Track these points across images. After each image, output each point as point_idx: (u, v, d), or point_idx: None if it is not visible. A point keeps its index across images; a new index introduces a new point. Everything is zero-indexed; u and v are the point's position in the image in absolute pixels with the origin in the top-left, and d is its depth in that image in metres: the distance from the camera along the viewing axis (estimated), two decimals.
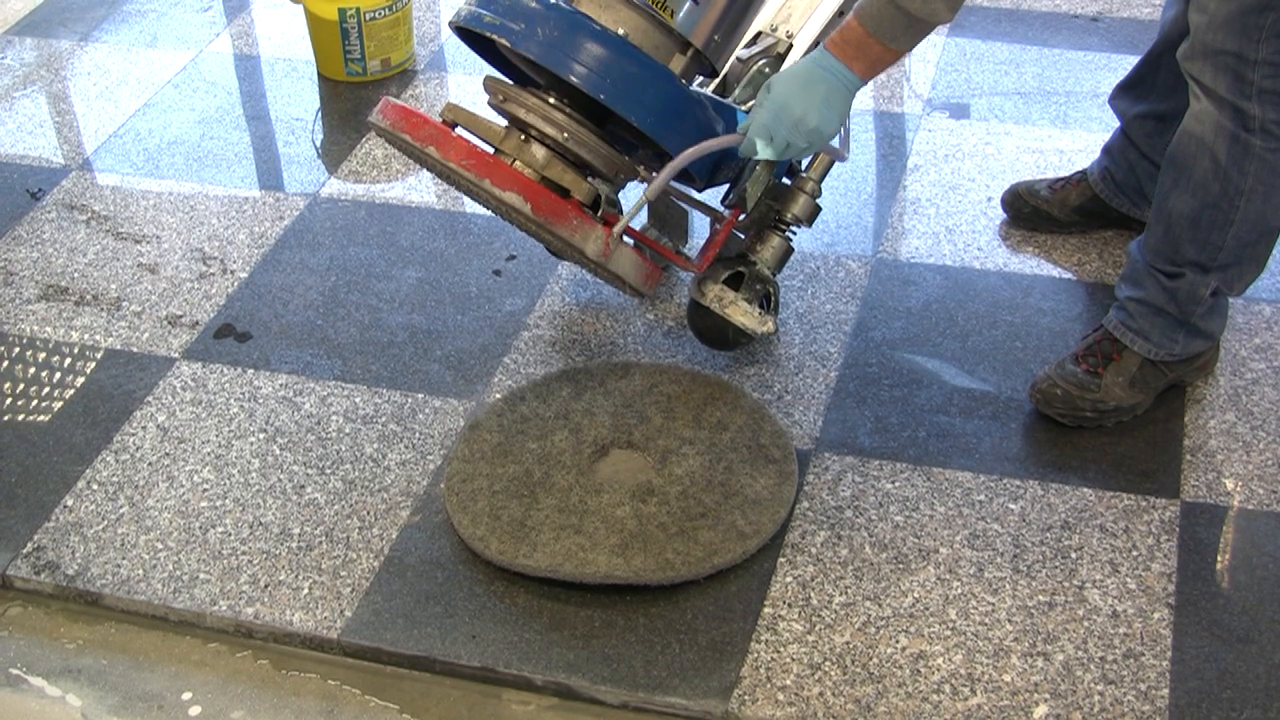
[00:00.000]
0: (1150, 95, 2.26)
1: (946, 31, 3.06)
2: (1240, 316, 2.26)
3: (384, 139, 2.06)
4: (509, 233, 2.51)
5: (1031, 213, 2.44)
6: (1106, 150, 2.37)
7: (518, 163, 1.94)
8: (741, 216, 2.09)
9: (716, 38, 1.98)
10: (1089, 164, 2.42)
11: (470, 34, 2.03)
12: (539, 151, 1.95)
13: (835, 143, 2.02)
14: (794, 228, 2.11)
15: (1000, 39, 3.04)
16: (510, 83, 2.00)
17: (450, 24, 2.01)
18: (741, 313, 2.06)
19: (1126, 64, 2.90)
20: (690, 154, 1.91)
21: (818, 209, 2.10)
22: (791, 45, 2.11)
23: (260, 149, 2.80)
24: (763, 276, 2.10)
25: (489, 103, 2.03)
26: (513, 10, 1.89)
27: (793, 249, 2.13)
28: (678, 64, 1.97)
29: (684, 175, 2.00)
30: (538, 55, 1.88)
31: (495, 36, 1.89)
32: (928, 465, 2.03)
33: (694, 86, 2.07)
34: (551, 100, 1.95)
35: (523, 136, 1.96)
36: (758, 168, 2.02)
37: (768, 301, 2.14)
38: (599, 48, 1.88)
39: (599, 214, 1.95)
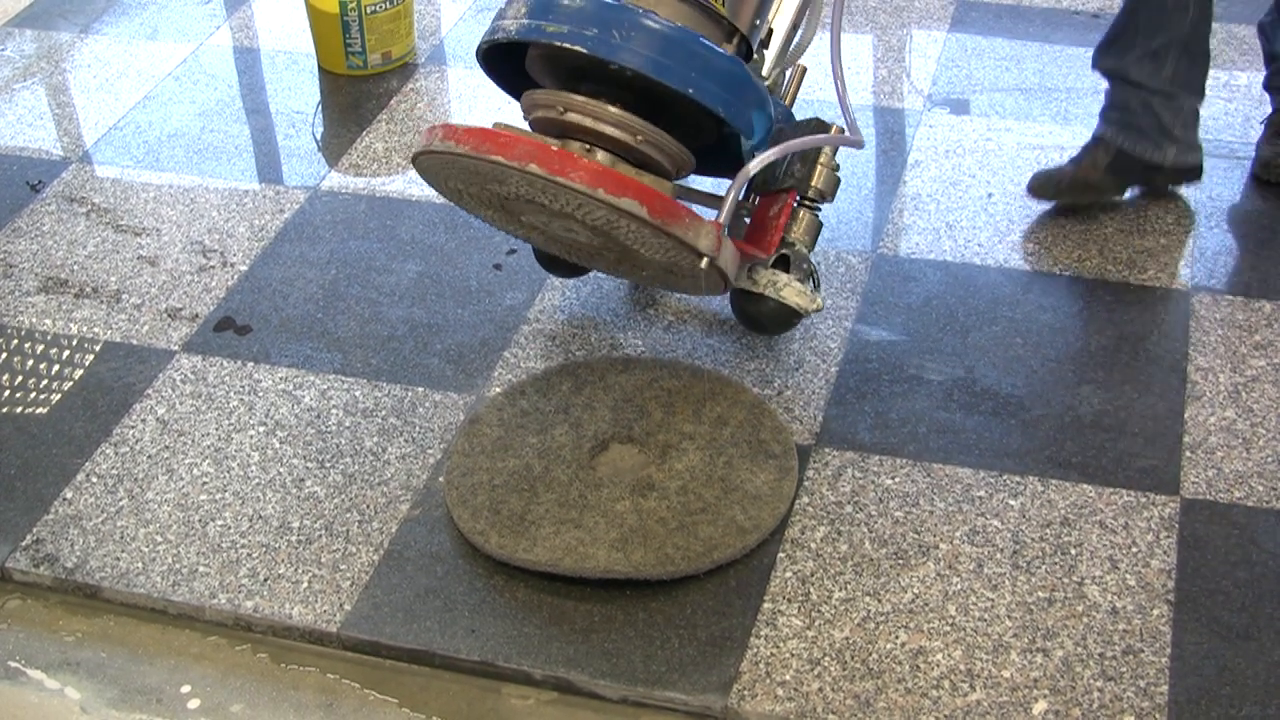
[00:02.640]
0: (1137, 37, 2.32)
1: (948, 27, 3.05)
2: (1240, 314, 2.26)
3: (439, 171, 1.97)
4: None
5: (1070, 185, 2.44)
6: (1105, 113, 2.40)
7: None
8: (797, 199, 2.10)
9: (757, 21, 1.98)
10: (1094, 131, 2.45)
11: (491, 55, 2.00)
12: (604, 158, 1.92)
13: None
14: (819, 203, 2.11)
15: (1001, 35, 3.04)
16: (571, 94, 1.93)
17: (495, 41, 1.94)
18: (796, 293, 2.07)
19: None
20: (807, 141, 1.96)
21: (838, 181, 2.11)
22: (771, 32, 2.11)
23: (260, 142, 2.80)
24: (803, 255, 2.11)
25: (529, 117, 1.99)
26: (581, 16, 1.85)
27: (821, 223, 2.14)
28: (728, 51, 1.96)
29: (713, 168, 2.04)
30: (626, 59, 1.84)
31: (569, 45, 1.85)
32: (928, 461, 2.03)
33: None
34: (615, 105, 1.91)
35: (587, 146, 1.92)
36: (823, 152, 2.06)
37: (813, 278, 2.16)
38: (681, 45, 1.85)
39: None
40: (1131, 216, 2.48)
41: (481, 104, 2.86)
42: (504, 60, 2.04)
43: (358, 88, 2.94)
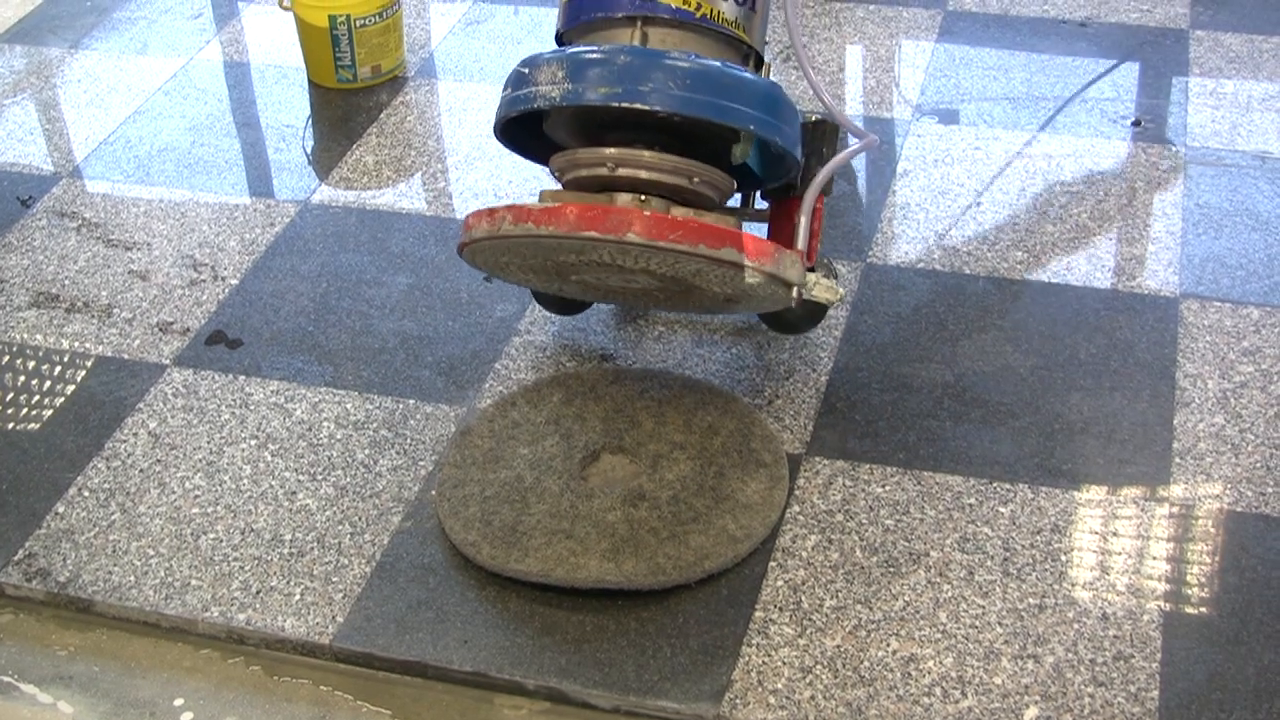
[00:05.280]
0: None
1: (936, 37, 3.06)
2: (1229, 320, 2.27)
3: (495, 252, 1.92)
4: None
5: None
6: None
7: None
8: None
9: (766, 37, 1.99)
10: None
11: (511, 125, 1.99)
12: (659, 204, 1.90)
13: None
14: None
15: (989, 44, 3.05)
16: (617, 148, 1.90)
17: (534, 109, 1.89)
18: (824, 289, 2.07)
19: (1114, 69, 2.92)
20: (844, 158, 1.97)
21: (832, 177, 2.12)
22: None
23: (251, 156, 2.80)
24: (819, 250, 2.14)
25: (567, 178, 1.97)
26: (630, 73, 1.83)
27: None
28: (752, 72, 1.96)
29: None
30: (692, 110, 1.82)
31: (629, 104, 1.81)
32: (918, 469, 2.04)
33: None
34: (656, 148, 1.90)
35: (641, 196, 1.89)
36: (830, 153, 2.06)
37: (831, 269, 2.18)
38: (733, 84, 1.85)
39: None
40: (1119, 224, 2.49)
41: (471, 117, 2.87)
42: (515, 125, 2.03)
43: (347, 101, 2.94)
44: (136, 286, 2.45)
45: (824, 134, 2.05)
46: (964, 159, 2.68)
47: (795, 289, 1.90)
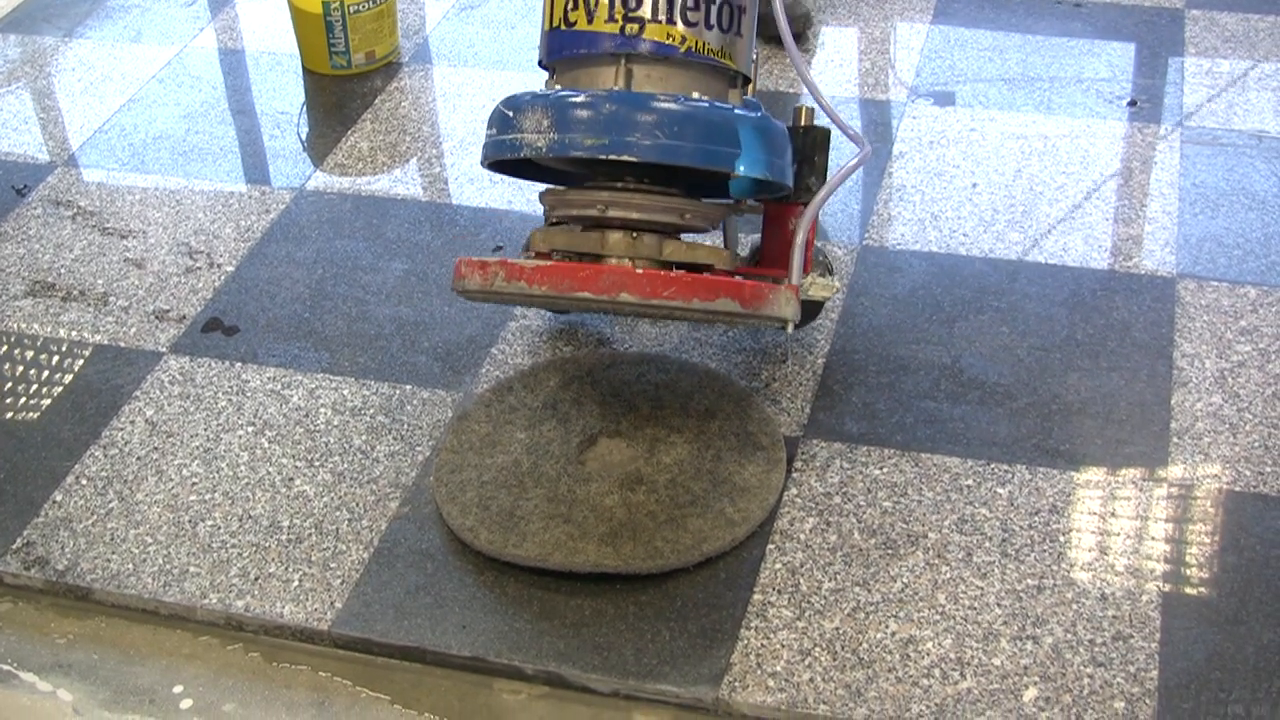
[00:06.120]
0: None
1: (931, 19, 3.06)
2: (1226, 299, 2.27)
3: (491, 296, 1.92)
4: (495, 224, 2.51)
5: None
6: None
7: (627, 260, 1.89)
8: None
9: (754, 56, 1.97)
10: None
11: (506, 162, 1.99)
12: (650, 239, 1.90)
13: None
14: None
15: (984, 26, 3.04)
16: (612, 188, 1.90)
17: (514, 157, 1.88)
18: (820, 288, 2.08)
19: (1110, 49, 2.92)
20: (841, 176, 1.96)
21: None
22: None
23: (246, 143, 2.80)
24: (818, 249, 2.13)
25: (557, 215, 1.96)
26: (615, 122, 1.81)
27: None
28: (737, 97, 1.95)
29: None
30: (680, 159, 1.81)
31: (615, 157, 1.80)
32: (915, 451, 2.04)
33: None
34: (646, 187, 1.89)
35: (634, 234, 1.89)
36: (822, 161, 2.05)
37: (826, 265, 2.18)
38: (721, 125, 1.83)
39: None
40: (1116, 204, 2.49)
41: (466, 102, 2.86)
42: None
43: (342, 87, 2.94)
44: (132, 274, 2.45)
45: (815, 141, 2.04)
46: (960, 140, 2.68)
47: (789, 324, 1.90)
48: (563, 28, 1.90)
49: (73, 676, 1.83)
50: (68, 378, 2.24)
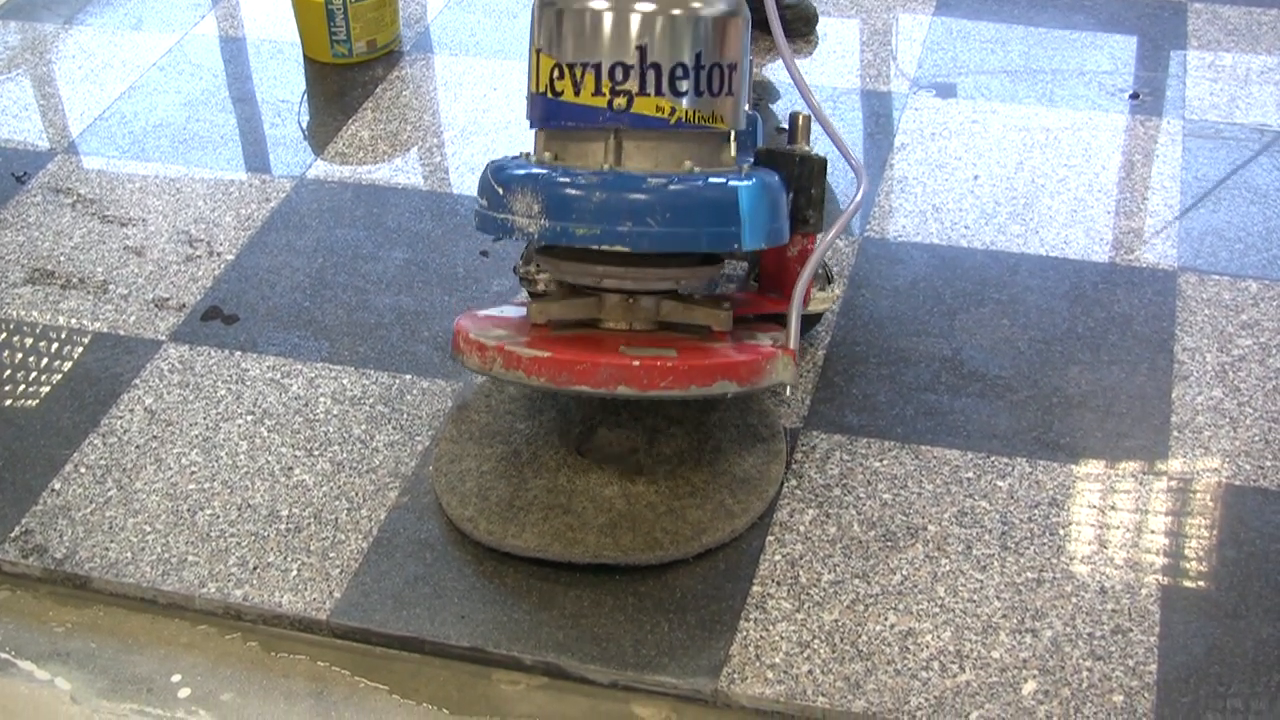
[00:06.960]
0: None
1: (933, 10, 3.05)
2: (1227, 294, 2.26)
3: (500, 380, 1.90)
4: None
5: None
6: None
7: (624, 324, 1.89)
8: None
9: (745, 109, 1.95)
10: None
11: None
12: (647, 302, 1.89)
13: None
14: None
15: (987, 18, 3.04)
16: (606, 262, 1.87)
17: (505, 238, 1.88)
18: (819, 302, 2.08)
19: (1113, 42, 2.91)
20: (842, 224, 1.93)
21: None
22: None
23: (246, 131, 2.79)
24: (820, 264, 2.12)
25: (549, 277, 1.96)
26: (605, 213, 1.79)
27: None
28: (728, 154, 1.91)
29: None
30: (669, 246, 1.79)
31: (607, 247, 1.79)
32: (915, 443, 2.04)
33: None
34: (640, 257, 1.86)
35: (629, 299, 1.88)
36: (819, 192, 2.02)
37: (827, 276, 2.18)
38: (713, 205, 1.81)
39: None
40: (1117, 197, 2.49)
41: (467, 91, 2.86)
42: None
43: (343, 76, 2.93)
44: (132, 262, 2.44)
45: (811, 171, 1.99)
46: (961, 132, 2.67)
47: (789, 387, 1.88)
48: (549, 95, 1.87)
49: (71, 665, 1.83)
50: (67, 365, 2.24)
